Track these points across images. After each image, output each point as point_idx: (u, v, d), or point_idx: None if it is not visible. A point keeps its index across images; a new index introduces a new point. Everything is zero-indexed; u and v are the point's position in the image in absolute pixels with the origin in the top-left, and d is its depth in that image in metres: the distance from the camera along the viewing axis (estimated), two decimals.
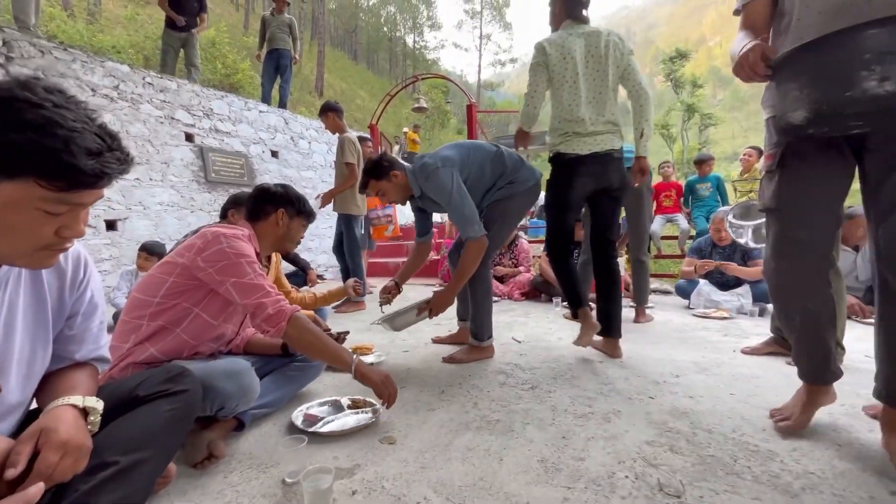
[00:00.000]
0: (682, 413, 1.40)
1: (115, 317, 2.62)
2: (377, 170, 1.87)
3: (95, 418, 0.79)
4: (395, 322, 1.94)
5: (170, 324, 1.19)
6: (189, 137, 4.83)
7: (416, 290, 4.60)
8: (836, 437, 1.22)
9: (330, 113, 3.52)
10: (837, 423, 1.31)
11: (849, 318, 2.31)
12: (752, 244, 3.05)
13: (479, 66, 45.64)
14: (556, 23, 2.02)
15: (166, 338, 1.18)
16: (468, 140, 2.01)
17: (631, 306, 3.08)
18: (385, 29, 42.79)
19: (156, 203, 4.47)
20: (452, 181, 1.77)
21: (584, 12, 1.97)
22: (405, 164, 1.93)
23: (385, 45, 42.03)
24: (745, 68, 1.02)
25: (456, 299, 2.14)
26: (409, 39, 44.03)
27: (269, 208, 1.43)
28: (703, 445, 1.19)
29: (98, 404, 0.80)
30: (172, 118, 4.66)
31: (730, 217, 3.11)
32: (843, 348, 1.89)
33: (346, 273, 3.64)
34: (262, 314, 1.17)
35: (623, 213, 3.19)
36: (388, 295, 2.05)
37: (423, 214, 2.15)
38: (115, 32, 11.58)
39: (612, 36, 1.91)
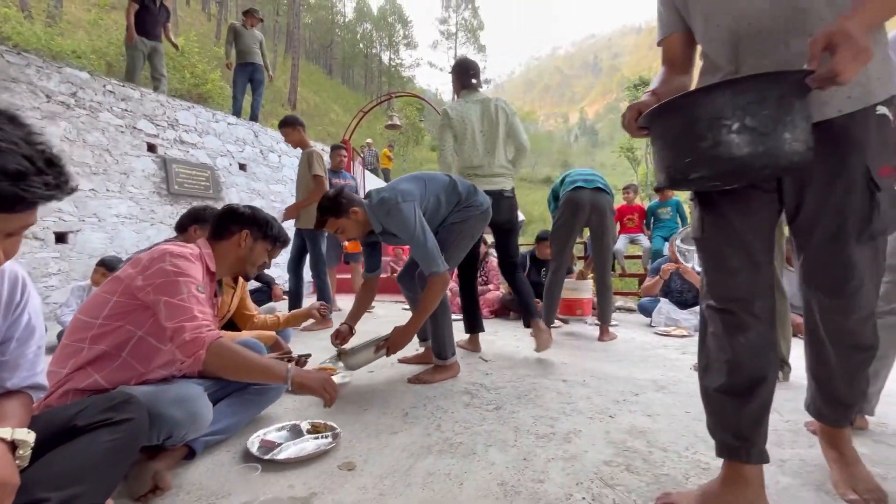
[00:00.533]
0: (640, 432, 1.44)
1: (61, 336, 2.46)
2: (336, 207, 1.81)
3: (25, 452, 0.74)
4: (351, 360, 1.85)
5: (113, 348, 1.12)
6: (152, 148, 4.67)
7: (386, 308, 4.56)
8: (780, 452, 1.29)
9: (298, 126, 3.48)
10: (781, 439, 1.38)
11: (795, 336, 2.45)
12: (697, 268, 3.18)
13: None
14: (457, 92, 2.62)
15: (112, 363, 1.12)
16: (422, 171, 2.05)
17: (595, 324, 3.16)
18: (361, 45, 43.17)
19: (112, 215, 4.27)
20: (415, 216, 1.76)
21: (473, 81, 2.56)
22: (363, 199, 1.90)
23: (361, 61, 42.35)
24: (624, 126, 0.99)
25: None
26: (385, 57, 44.54)
27: (234, 227, 1.39)
28: (657, 464, 1.22)
29: (28, 436, 0.75)
30: (134, 128, 4.50)
31: (677, 241, 3.20)
32: (789, 366, 2.01)
33: (294, 294, 3.41)
34: (178, 340, 1.07)
35: (587, 235, 3.30)
36: (342, 341, 1.98)
37: (373, 250, 2.11)
38: (76, 36, 11.15)
39: (499, 102, 2.52)
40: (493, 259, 4.51)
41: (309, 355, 1.64)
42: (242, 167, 5.72)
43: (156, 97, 4.74)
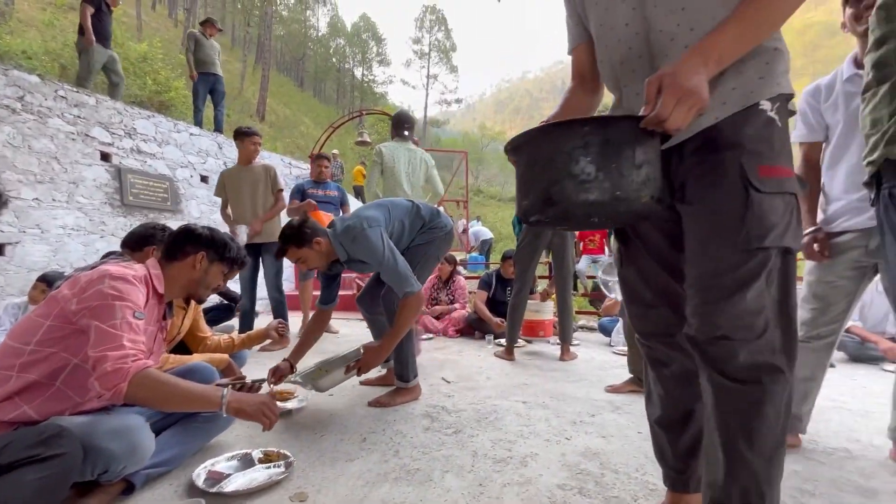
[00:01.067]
0: (594, 454, 1.48)
1: None
2: (299, 236, 1.77)
3: None
4: (321, 381, 1.78)
5: (45, 377, 1.05)
6: (105, 157, 4.45)
7: (350, 326, 4.48)
8: None
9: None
10: None
11: None
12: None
13: (426, 103, 47.25)
14: (392, 137, 3.22)
15: (44, 393, 1.04)
16: (384, 199, 2.08)
17: (557, 344, 3.23)
18: (334, 60, 43.14)
19: (57, 226, 4.01)
20: (382, 241, 1.75)
21: (406, 133, 3.18)
22: (327, 229, 1.87)
23: (333, 75, 42.25)
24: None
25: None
26: (358, 72, 44.70)
27: (190, 249, 1.33)
28: (608, 486, 1.26)
29: None
30: (87, 135, 4.29)
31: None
32: None
33: (248, 313, 3.27)
34: (99, 370, 0.99)
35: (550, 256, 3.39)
36: (277, 380, 1.84)
37: (331, 282, 2.06)
38: (28, 35, 10.57)
39: (424, 155, 3.19)
40: (461, 278, 4.55)
41: (263, 380, 1.58)
42: (204, 179, 5.53)
43: (112, 104, 4.55)
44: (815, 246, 1.45)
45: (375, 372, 2.38)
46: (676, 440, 0.99)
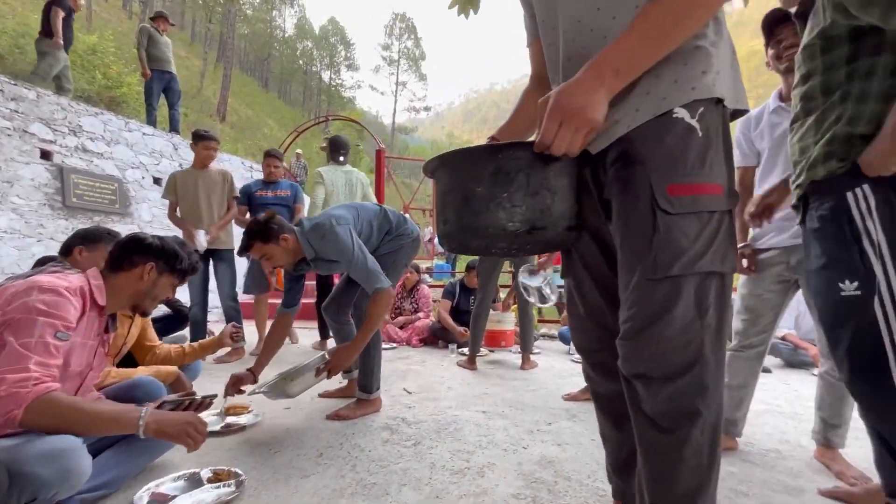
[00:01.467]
0: (549, 462, 1.52)
1: None
2: (266, 232, 1.73)
3: None
4: (290, 388, 1.72)
5: None
6: (46, 155, 4.16)
7: (312, 336, 4.37)
8: None
9: None
10: None
11: None
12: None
13: (395, 109, 47.25)
14: (328, 161, 3.50)
15: None
16: (353, 201, 2.09)
17: (519, 353, 3.29)
18: (301, 62, 42.37)
19: None
20: (351, 238, 1.75)
21: (342, 158, 3.46)
22: (294, 227, 1.84)
23: (299, 77, 41.48)
24: None
25: None
26: (325, 75, 44.10)
27: (137, 259, 1.26)
28: (561, 494, 1.30)
29: None
30: (25, 131, 3.99)
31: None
32: None
33: (201, 323, 3.11)
34: None
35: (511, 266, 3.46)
36: (236, 391, 1.78)
37: (295, 284, 2.02)
38: None
39: (360, 175, 3.50)
40: (425, 287, 4.55)
41: (214, 396, 1.51)
42: (157, 181, 5.26)
43: (56, 100, 4.27)
44: (744, 261, 1.57)
45: (336, 383, 2.34)
46: (613, 454, 1.01)
